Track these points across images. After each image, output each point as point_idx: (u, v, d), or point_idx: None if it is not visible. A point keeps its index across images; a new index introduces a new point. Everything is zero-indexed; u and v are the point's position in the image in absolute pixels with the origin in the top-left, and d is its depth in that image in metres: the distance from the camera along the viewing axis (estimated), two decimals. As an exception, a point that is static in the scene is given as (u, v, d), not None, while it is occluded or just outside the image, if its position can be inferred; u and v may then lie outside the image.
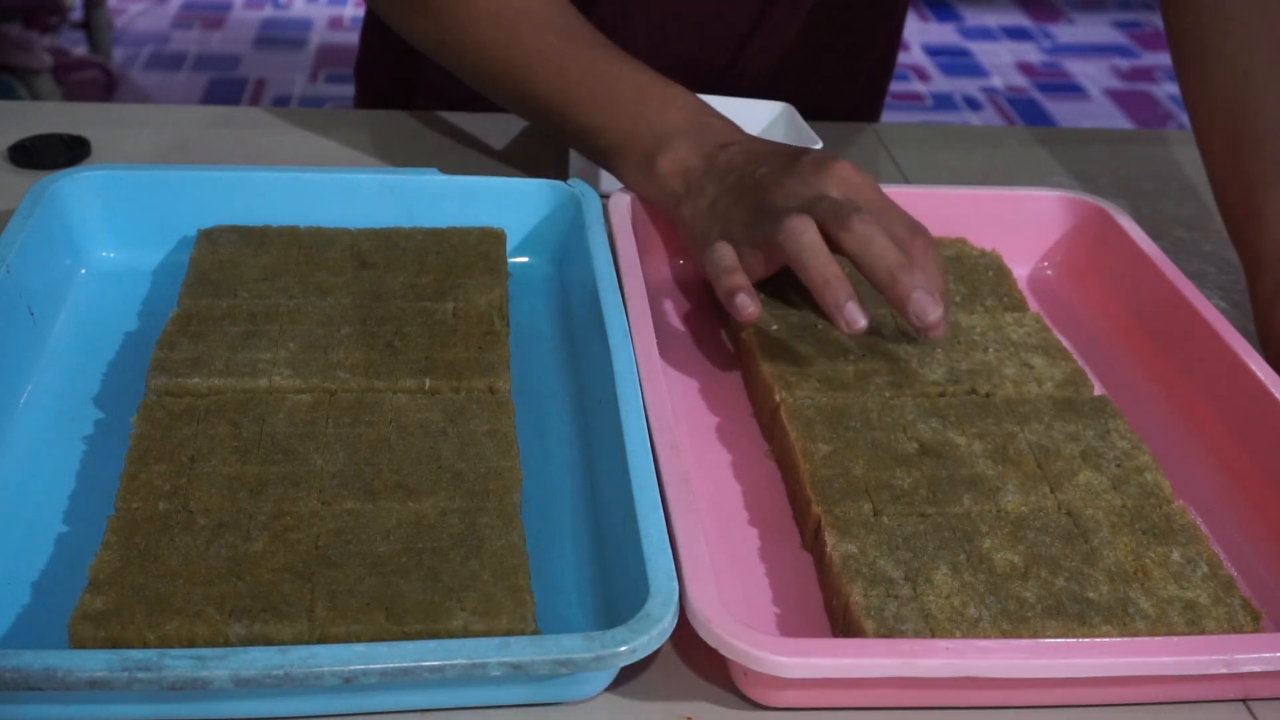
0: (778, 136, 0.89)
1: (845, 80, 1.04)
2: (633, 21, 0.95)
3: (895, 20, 1.06)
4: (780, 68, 0.98)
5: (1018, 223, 0.81)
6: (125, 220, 0.73)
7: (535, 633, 0.49)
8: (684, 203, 0.71)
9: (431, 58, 0.82)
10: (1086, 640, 0.50)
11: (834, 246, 0.63)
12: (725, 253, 0.66)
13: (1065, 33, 3.83)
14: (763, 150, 0.71)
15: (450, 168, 0.87)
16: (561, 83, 0.76)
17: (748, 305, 0.64)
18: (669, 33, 0.96)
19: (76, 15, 2.99)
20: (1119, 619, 0.52)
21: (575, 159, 0.84)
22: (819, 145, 0.82)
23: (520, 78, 0.77)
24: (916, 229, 0.65)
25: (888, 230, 0.64)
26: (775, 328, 0.68)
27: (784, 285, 0.72)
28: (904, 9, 1.06)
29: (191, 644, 0.48)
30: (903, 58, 2.86)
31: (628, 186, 0.76)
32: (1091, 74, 3.53)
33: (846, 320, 0.61)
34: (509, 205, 0.76)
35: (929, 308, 0.61)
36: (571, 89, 0.75)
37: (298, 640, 0.48)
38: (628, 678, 0.52)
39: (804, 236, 0.62)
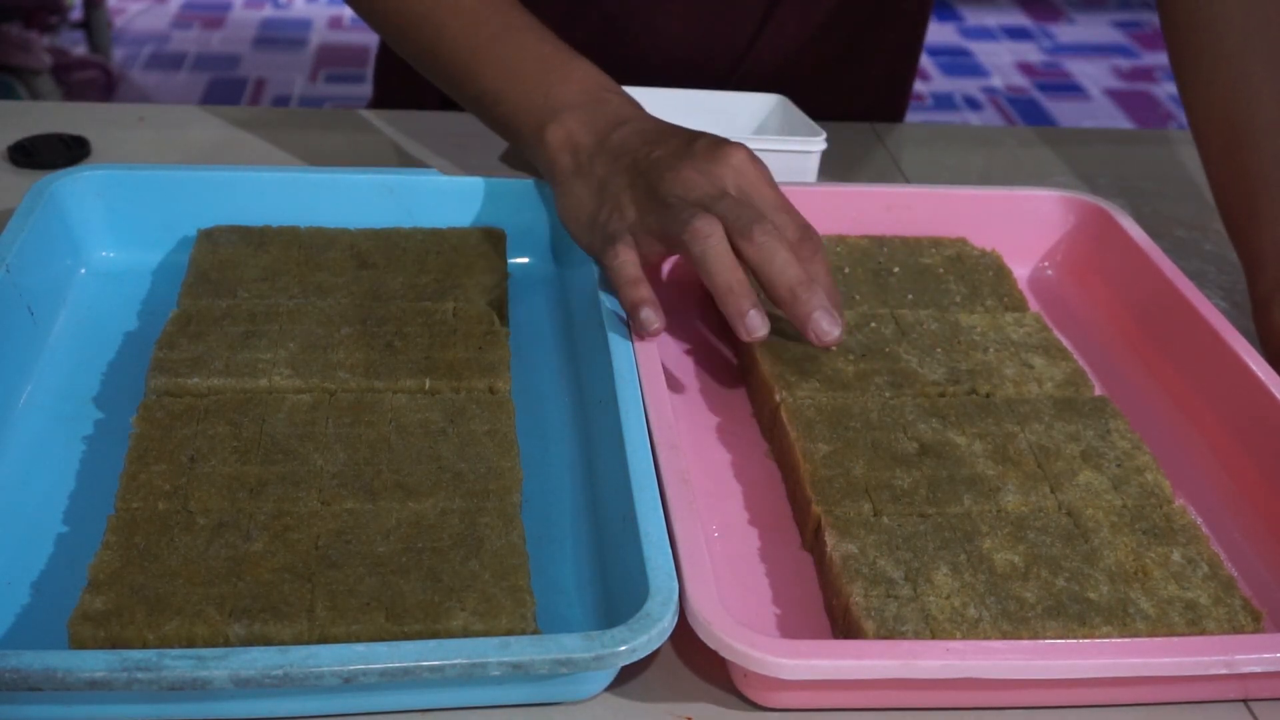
0: (774, 128, 0.89)
1: (855, 81, 1.03)
2: (635, 20, 0.95)
3: (911, 22, 1.05)
4: (786, 67, 0.98)
5: (1018, 223, 0.81)
6: (125, 220, 0.73)
7: (535, 633, 0.49)
8: (571, 179, 0.70)
9: (352, 9, 0.81)
10: (1087, 641, 0.50)
11: (734, 251, 0.62)
12: (627, 260, 0.65)
13: (1065, 33, 3.83)
14: (657, 130, 0.69)
15: (450, 168, 0.87)
16: (469, 44, 0.74)
17: (652, 321, 0.63)
18: (673, 31, 0.96)
19: (76, 15, 2.99)
20: (1119, 619, 0.52)
21: None
22: (821, 136, 0.82)
23: (429, 35, 0.76)
24: (808, 232, 0.64)
25: (782, 234, 0.63)
26: (775, 327, 0.68)
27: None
28: (923, 12, 1.06)
29: (191, 644, 0.48)
30: (903, 58, 2.85)
31: (522, 157, 0.75)
32: (1091, 74, 3.53)
33: (747, 328, 0.61)
34: (509, 205, 0.76)
35: (828, 328, 0.61)
36: (478, 51, 0.74)
37: (298, 640, 0.48)
38: (628, 678, 0.51)
39: (709, 240, 0.61)
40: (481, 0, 0.75)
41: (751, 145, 0.81)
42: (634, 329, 0.63)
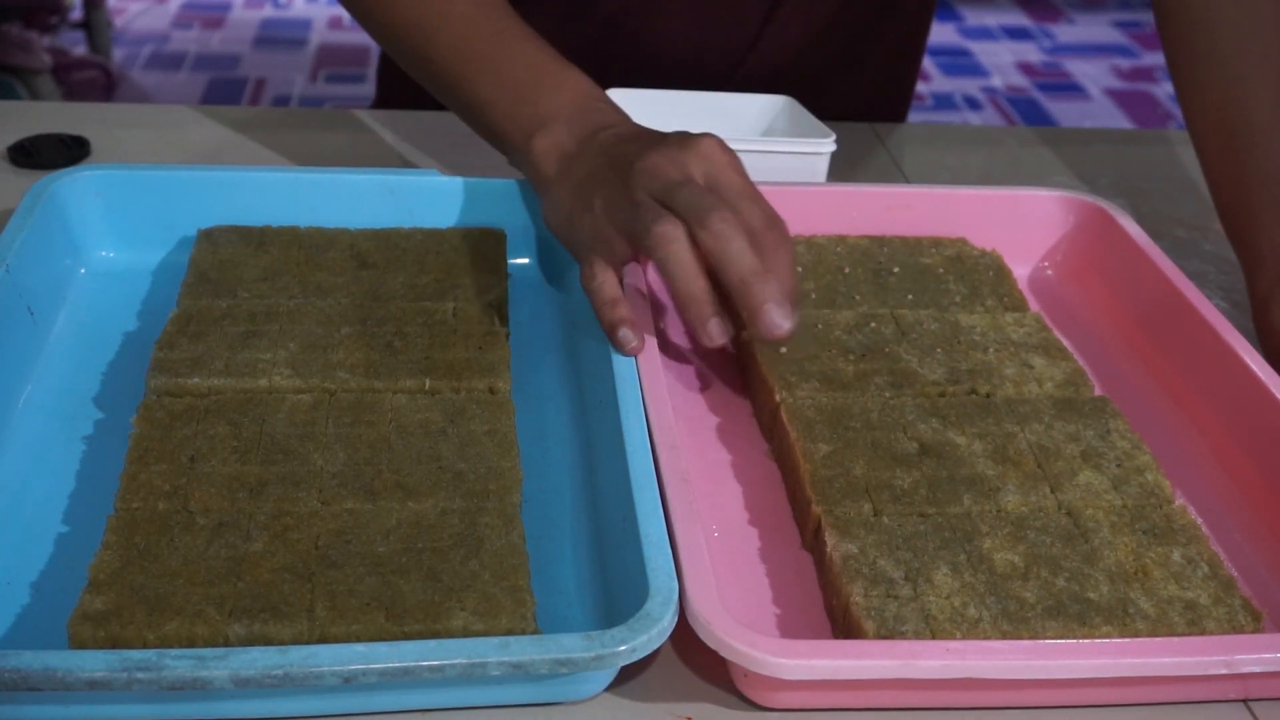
0: (782, 129, 0.89)
1: (856, 81, 1.03)
2: (636, 21, 0.95)
3: (913, 23, 1.05)
4: (787, 68, 0.98)
5: (1018, 223, 0.81)
6: (125, 220, 0.73)
7: (535, 633, 0.49)
8: (554, 184, 0.70)
9: (348, 12, 0.81)
10: (1087, 641, 0.50)
11: (693, 240, 0.61)
12: (605, 280, 0.64)
13: (1065, 33, 3.83)
14: (637, 132, 0.69)
15: (450, 168, 0.87)
16: (462, 51, 0.74)
17: (630, 340, 0.62)
18: (674, 32, 0.96)
19: (76, 15, 2.99)
20: (1119, 619, 0.52)
21: None
22: (831, 137, 0.82)
23: (421, 41, 0.76)
24: (773, 221, 0.63)
25: (745, 222, 0.61)
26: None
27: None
28: (925, 12, 1.06)
29: (191, 644, 0.48)
30: (903, 58, 2.85)
31: (511, 165, 0.75)
32: (1091, 74, 3.53)
33: (708, 335, 0.61)
34: (509, 205, 0.76)
35: (777, 322, 0.60)
36: (471, 59, 0.74)
37: (298, 640, 0.48)
38: (628, 678, 0.51)
39: (672, 245, 0.61)
40: (475, 7, 0.75)
41: (760, 147, 0.81)
42: (614, 347, 0.63)
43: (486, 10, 0.75)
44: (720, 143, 0.66)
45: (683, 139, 0.66)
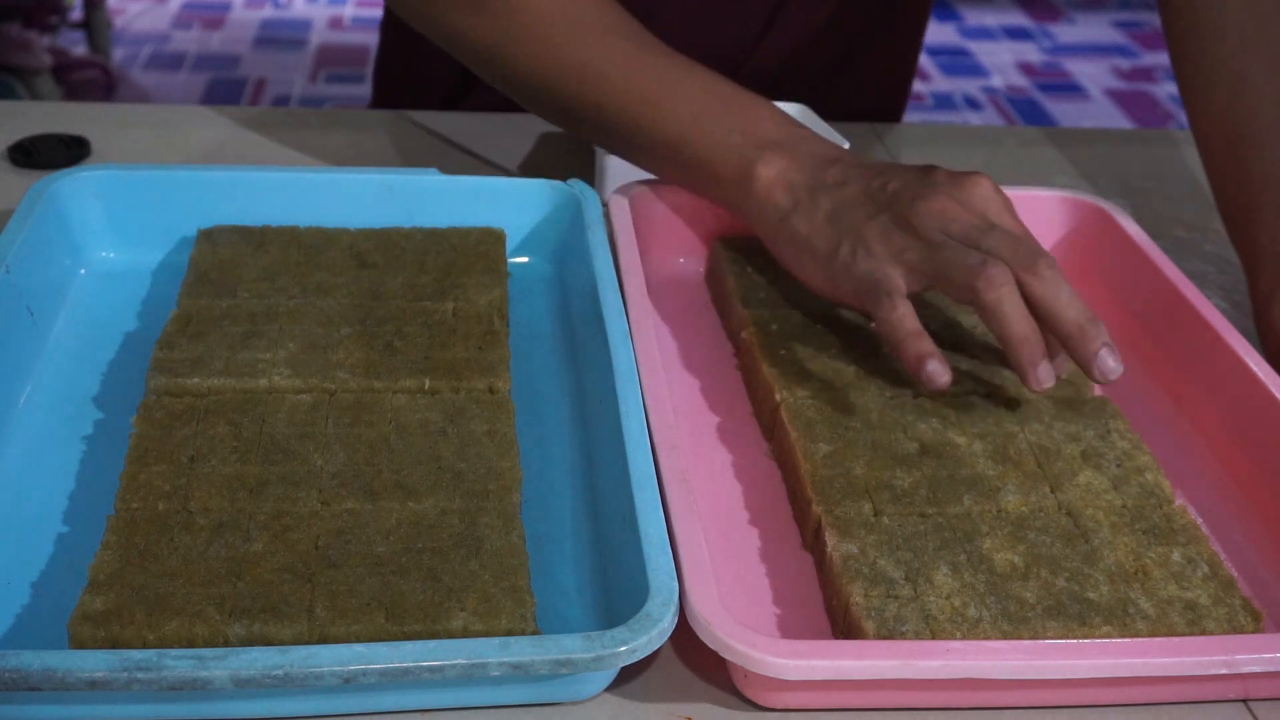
0: None
1: (858, 81, 1.03)
2: (635, 19, 0.95)
3: (911, 23, 1.05)
4: (787, 69, 0.98)
5: (1018, 223, 0.80)
6: (125, 220, 0.73)
7: (535, 633, 0.49)
8: (791, 216, 0.67)
9: (467, 61, 0.78)
10: (1087, 641, 0.50)
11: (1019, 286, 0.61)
12: (906, 313, 0.62)
13: (1065, 33, 3.83)
14: (875, 165, 0.68)
15: (450, 168, 0.87)
16: (639, 91, 0.72)
17: (940, 374, 0.60)
18: (675, 34, 0.96)
19: (76, 15, 2.99)
20: (1119, 619, 0.52)
21: (607, 165, 0.82)
22: (846, 145, 0.82)
23: (585, 86, 0.73)
24: (1048, 257, 0.62)
25: (1026, 261, 0.61)
26: (775, 327, 0.68)
27: (784, 284, 0.72)
28: (923, 12, 1.06)
29: (191, 644, 0.48)
30: (903, 58, 2.85)
31: (716, 202, 0.73)
32: (1091, 74, 3.53)
33: (1039, 378, 0.60)
34: (509, 205, 0.76)
35: (1114, 365, 0.60)
36: (650, 98, 0.71)
37: (298, 640, 0.48)
38: (628, 678, 0.51)
39: (1004, 290, 0.60)
40: (635, 43, 0.73)
41: None
42: (921, 382, 0.61)
43: (645, 44, 0.74)
44: (994, 185, 0.65)
45: (955, 179, 0.64)
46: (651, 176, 0.77)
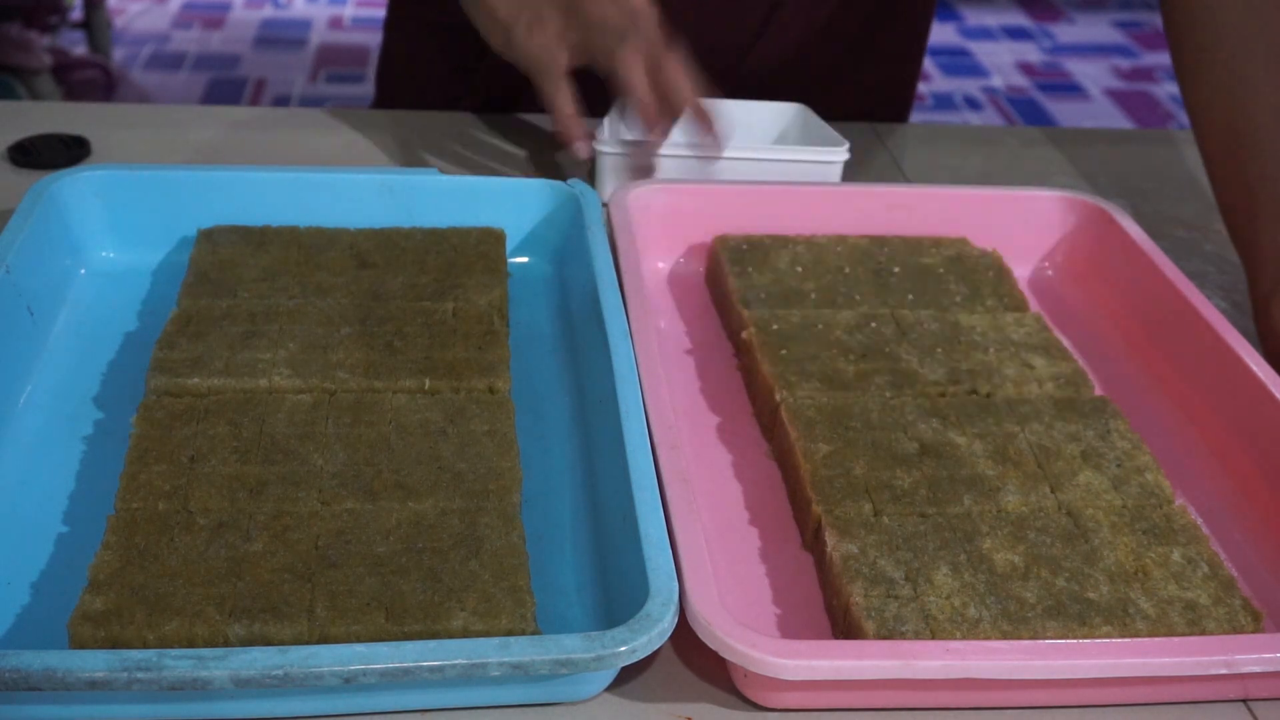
0: (794, 137, 0.89)
1: (860, 83, 1.03)
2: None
3: (914, 24, 1.05)
4: (788, 69, 0.98)
5: (1018, 223, 0.81)
6: (125, 220, 0.73)
7: (535, 633, 0.49)
8: None
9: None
10: (1087, 641, 0.50)
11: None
12: (565, 97, 0.79)
13: (1065, 33, 3.83)
14: None
15: (450, 168, 0.87)
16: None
17: (583, 151, 0.80)
18: (676, 31, 0.96)
19: (76, 15, 2.99)
20: (1119, 619, 0.52)
21: (606, 165, 0.82)
22: (844, 145, 0.82)
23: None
24: (675, 54, 0.78)
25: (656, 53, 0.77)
26: (775, 327, 0.68)
27: (784, 284, 0.72)
28: (925, 16, 1.06)
29: (191, 644, 0.48)
30: (903, 58, 2.84)
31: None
32: (1091, 74, 3.53)
33: (656, 136, 0.78)
34: (509, 205, 0.76)
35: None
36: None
37: (298, 640, 0.48)
38: (628, 678, 0.51)
39: (635, 69, 0.77)
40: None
41: (774, 155, 0.82)
42: (570, 153, 0.80)
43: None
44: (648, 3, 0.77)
45: None
46: (650, 177, 0.78)
